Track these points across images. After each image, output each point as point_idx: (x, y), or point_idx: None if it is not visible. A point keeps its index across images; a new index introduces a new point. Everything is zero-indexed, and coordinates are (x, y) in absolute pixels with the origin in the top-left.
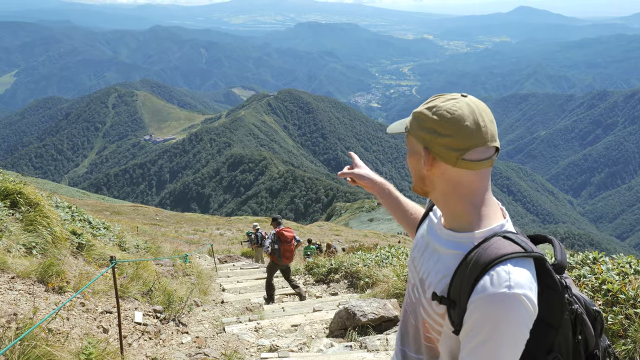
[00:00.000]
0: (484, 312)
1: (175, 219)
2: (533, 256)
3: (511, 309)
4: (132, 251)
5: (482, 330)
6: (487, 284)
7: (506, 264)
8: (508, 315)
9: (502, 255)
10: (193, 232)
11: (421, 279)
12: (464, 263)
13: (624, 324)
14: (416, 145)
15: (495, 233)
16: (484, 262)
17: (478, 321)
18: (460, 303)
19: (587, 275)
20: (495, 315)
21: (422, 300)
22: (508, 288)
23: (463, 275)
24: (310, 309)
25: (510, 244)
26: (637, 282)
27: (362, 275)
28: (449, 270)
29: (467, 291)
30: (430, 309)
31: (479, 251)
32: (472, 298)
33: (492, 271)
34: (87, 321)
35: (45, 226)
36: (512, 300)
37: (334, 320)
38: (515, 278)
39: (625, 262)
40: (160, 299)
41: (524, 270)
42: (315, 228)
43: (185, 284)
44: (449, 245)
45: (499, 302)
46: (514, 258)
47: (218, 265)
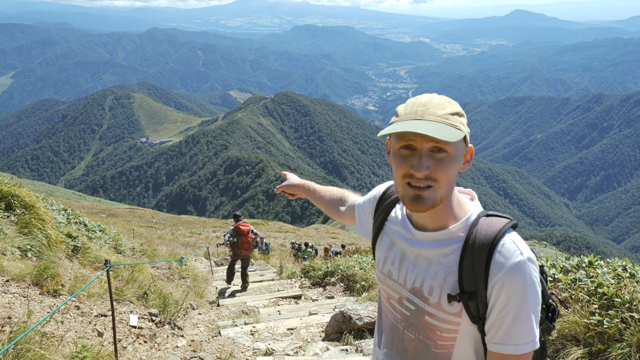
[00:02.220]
0: (510, 286)
1: (171, 222)
2: (515, 223)
3: (530, 272)
4: (128, 254)
5: (513, 304)
6: (502, 260)
7: (505, 235)
8: (530, 278)
9: (499, 230)
10: (189, 235)
11: (413, 289)
12: (467, 253)
13: (619, 327)
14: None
15: (478, 215)
16: (488, 242)
17: (506, 298)
18: (480, 291)
19: (583, 279)
20: (520, 284)
21: (427, 308)
22: (521, 254)
23: (471, 265)
24: (306, 313)
25: (497, 218)
26: (632, 285)
27: (358, 278)
28: (450, 267)
29: (483, 277)
30: (442, 313)
31: (475, 236)
32: (493, 279)
33: (499, 247)
34: (82, 324)
35: (40, 229)
36: (528, 264)
37: (329, 323)
38: (520, 245)
39: (620, 265)
40: (156, 302)
41: (518, 236)
42: (312, 231)
43: (181, 287)
44: (437, 245)
45: (519, 271)
46: (507, 229)
47: (214, 268)
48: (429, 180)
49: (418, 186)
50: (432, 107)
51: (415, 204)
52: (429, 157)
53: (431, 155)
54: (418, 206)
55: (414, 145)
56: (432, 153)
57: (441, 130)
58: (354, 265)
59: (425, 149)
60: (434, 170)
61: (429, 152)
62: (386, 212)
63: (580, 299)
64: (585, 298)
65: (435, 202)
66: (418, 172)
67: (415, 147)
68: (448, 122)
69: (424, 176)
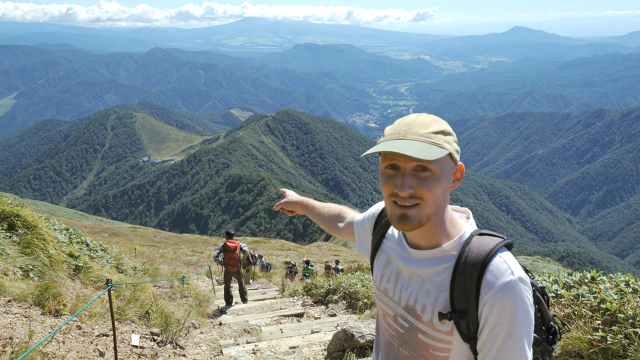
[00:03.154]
0: (500, 306)
1: (173, 240)
2: (509, 242)
3: (521, 292)
4: (130, 273)
5: (504, 324)
6: (492, 279)
7: (497, 255)
8: (521, 298)
9: (491, 249)
10: (191, 254)
11: (407, 306)
12: (459, 272)
13: (623, 343)
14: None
15: (471, 234)
16: (479, 261)
17: (497, 318)
18: (470, 310)
19: (586, 295)
20: (511, 304)
21: (420, 326)
22: (512, 274)
23: (463, 283)
24: (308, 331)
25: (490, 237)
26: (635, 301)
27: (360, 295)
28: (442, 285)
29: (474, 296)
30: (434, 331)
31: (467, 255)
32: (483, 298)
33: (490, 266)
34: (83, 344)
35: (42, 249)
36: (519, 284)
37: (332, 341)
38: (511, 264)
39: (623, 280)
40: (158, 321)
41: (511, 255)
42: (314, 248)
43: (182, 306)
44: (430, 263)
45: (510, 291)
46: (500, 248)
47: (216, 286)
48: (413, 198)
49: (404, 205)
50: (415, 127)
51: (401, 223)
52: (412, 176)
53: (415, 174)
54: (404, 225)
55: (398, 165)
56: (416, 172)
57: (421, 149)
58: (356, 282)
59: (408, 168)
60: (418, 189)
61: (412, 171)
62: (384, 230)
63: (583, 315)
64: (588, 314)
65: (422, 221)
66: (401, 192)
67: (399, 166)
68: (430, 141)
69: (408, 195)
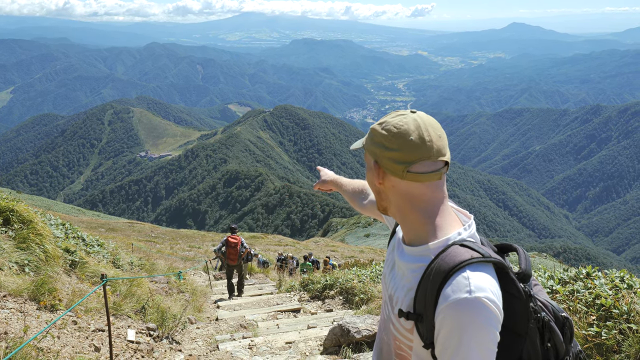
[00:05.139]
0: (450, 320)
1: (170, 236)
2: (491, 261)
3: (475, 313)
4: (126, 268)
5: (453, 340)
6: (448, 292)
7: (465, 270)
8: (473, 319)
9: (460, 262)
10: (188, 249)
11: (390, 295)
12: (426, 275)
13: (617, 339)
14: (369, 160)
15: (453, 242)
16: (444, 271)
17: (447, 331)
18: (427, 315)
19: (581, 290)
20: (461, 321)
21: (392, 317)
22: (469, 293)
23: (426, 288)
24: (304, 326)
25: (467, 250)
26: (630, 297)
27: (357, 291)
28: (413, 284)
29: (432, 303)
30: (399, 326)
31: (438, 262)
32: (438, 309)
33: (452, 279)
34: (78, 339)
35: (38, 244)
36: (474, 305)
37: (328, 337)
38: (475, 282)
39: (617, 276)
40: (154, 316)
41: (484, 274)
42: (311, 244)
43: (179, 301)
44: (410, 260)
45: (462, 308)
46: (472, 264)
47: (213, 282)
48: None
49: None
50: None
51: None
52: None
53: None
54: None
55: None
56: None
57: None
58: (352, 278)
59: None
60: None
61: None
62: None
63: (578, 311)
64: (583, 309)
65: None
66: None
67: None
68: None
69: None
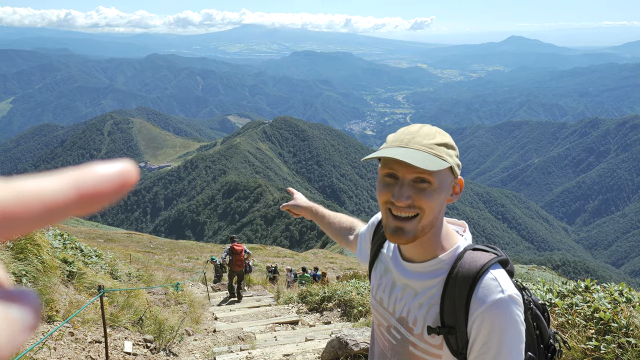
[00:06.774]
0: (489, 323)
1: (169, 247)
2: (503, 259)
3: (511, 310)
4: (124, 279)
5: (493, 342)
6: (481, 297)
7: (488, 271)
8: (511, 317)
9: (482, 265)
10: (187, 260)
11: (400, 318)
12: (449, 287)
13: (617, 353)
14: (445, 173)
15: (464, 249)
16: (469, 277)
17: (485, 335)
18: (459, 325)
19: (580, 304)
20: (501, 322)
21: (411, 338)
22: (502, 292)
23: (452, 299)
24: (302, 338)
25: (482, 253)
26: (628, 310)
27: (355, 303)
28: (434, 299)
29: (463, 311)
30: (424, 344)
31: (459, 270)
32: (472, 315)
33: (480, 283)
34: (75, 351)
35: (35, 254)
36: (509, 303)
37: (325, 349)
38: (502, 282)
39: (616, 290)
40: (151, 328)
41: (503, 271)
42: (310, 255)
43: (177, 313)
44: (423, 277)
45: (499, 309)
46: (492, 264)
47: (211, 293)
48: (412, 208)
49: (400, 216)
50: (419, 137)
51: (396, 236)
52: (411, 186)
53: (413, 185)
54: (399, 238)
55: (397, 174)
56: (415, 183)
57: (422, 158)
58: (351, 290)
59: (407, 179)
60: (417, 199)
61: (411, 182)
62: (382, 240)
63: (577, 324)
64: (582, 323)
65: (417, 235)
66: (399, 201)
67: (398, 176)
68: (432, 152)
69: (405, 205)
